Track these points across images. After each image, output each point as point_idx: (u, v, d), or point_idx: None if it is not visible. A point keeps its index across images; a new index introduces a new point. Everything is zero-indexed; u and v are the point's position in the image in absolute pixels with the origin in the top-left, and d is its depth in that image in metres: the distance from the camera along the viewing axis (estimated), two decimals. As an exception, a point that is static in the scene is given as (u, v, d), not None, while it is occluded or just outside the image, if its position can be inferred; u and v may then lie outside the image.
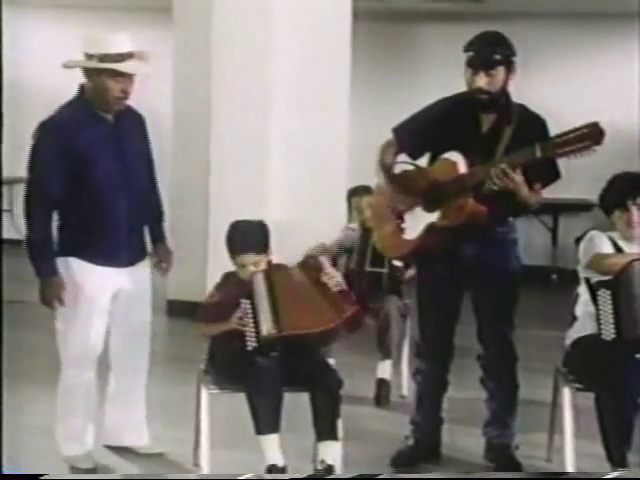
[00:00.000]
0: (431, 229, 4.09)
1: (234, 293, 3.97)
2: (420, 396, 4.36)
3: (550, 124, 4.06)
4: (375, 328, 5.35)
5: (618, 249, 4.08)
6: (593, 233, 4.12)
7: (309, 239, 5.60)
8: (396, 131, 4.30)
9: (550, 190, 4.16)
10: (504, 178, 3.89)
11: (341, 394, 3.91)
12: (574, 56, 9.59)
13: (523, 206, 4.04)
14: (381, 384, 5.31)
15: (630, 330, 3.83)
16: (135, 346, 4.36)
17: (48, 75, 10.07)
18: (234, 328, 3.91)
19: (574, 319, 4.21)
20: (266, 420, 3.79)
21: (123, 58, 4.00)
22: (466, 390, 4.74)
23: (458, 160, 4.03)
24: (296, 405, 3.92)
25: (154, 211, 4.38)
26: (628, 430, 3.84)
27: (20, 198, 10.62)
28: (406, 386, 5.34)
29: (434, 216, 4.08)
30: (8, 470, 3.75)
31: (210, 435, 3.95)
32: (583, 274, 4.12)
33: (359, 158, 5.66)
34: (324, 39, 7.01)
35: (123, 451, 4.40)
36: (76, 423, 4.22)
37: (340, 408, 3.89)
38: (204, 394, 3.99)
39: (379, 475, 3.98)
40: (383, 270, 5.45)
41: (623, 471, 3.79)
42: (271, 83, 6.96)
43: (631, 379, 3.79)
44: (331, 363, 4.07)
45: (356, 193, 5.71)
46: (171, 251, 4.42)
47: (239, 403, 3.87)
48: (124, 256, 4.17)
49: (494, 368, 4.27)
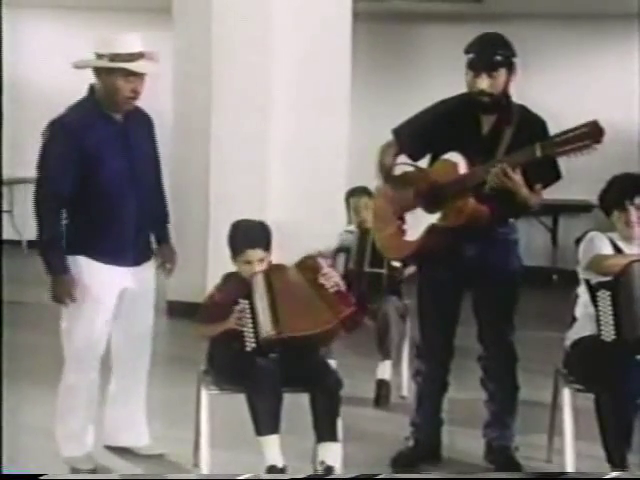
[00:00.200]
0: (432, 230, 4.09)
1: (234, 294, 3.97)
2: (420, 397, 4.36)
3: (550, 125, 4.06)
4: (374, 329, 5.36)
5: (618, 250, 4.08)
6: (593, 234, 4.12)
7: (309, 239, 5.60)
8: (396, 132, 4.30)
9: (550, 191, 4.16)
10: (504, 178, 3.89)
11: (341, 395, 3.91)
12: (574, 57, 9.60)
13: (523, 206, 4.05)
14: (381, 385, 5.30)
15: (630, 331, 3.83)
16: (137, 347, 4.36)
17: (48, 75, 10.11)
18: (233, 329, 3.91)
19: (574, 320, 4.21)
20: (266, 421, 3.79)
21: (134, 58, 4.01)
22: (466, 391, 4.74)
23: (458, 161, 4.03)
24: (296, 406, 3.92)
25: (159, 212, 4.38)
26: (628, 431, 3.83)
27: (20, 199, 10.63)
28: (406, 387, 5.34)
29: (435, 217, 4.09)
30: (8, 470, 3.75)
31: (210, 435, 3.95)
32: (583, 275, 4.12)
33: (359, 158, 5.66)
34: (324, 39, 7.02)
35: (123, 452, 4.40)
36: (76, 423, 4.22)
37: (340, 409, 3.89)
38: (204, 395, 3.99)
39: (379, 475, 3.99)
40: (382, 270, 5.45)
41: (623, 472, 3.79)
42: (271, 83, 6.96)
43: (631, 380, 3.79)
44: (331, 364, 4.07)
45: (354, 194, 5.71)
46: (175, 252, 4.42)
47: (239, 404, 3.86)
48: (130, 255, 4.17)
49: (494, 369, 4.27)
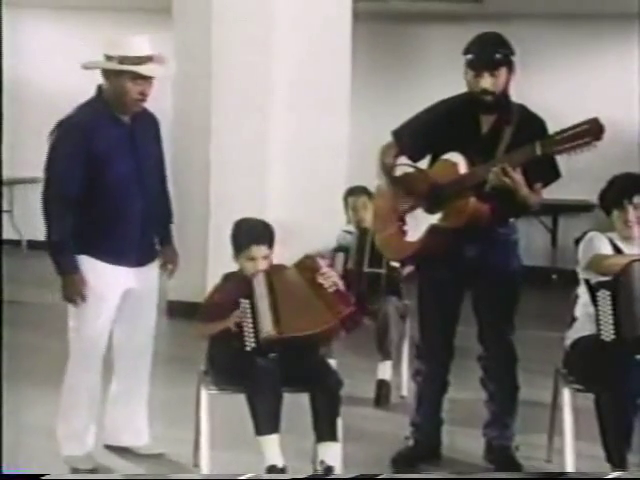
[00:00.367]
0: (433, 230, 4.09)
1: (234, 293, 3.97)
2: (420, 397, 4.36)
3: (550, 125, 4.06)
4: (374, 329, 5.36)
5: (617, 250, 4.08)
6: (592, 234, 4.12)
7: (309, 239, 5.61)
8: (396, 134, 4.30)
9: (550, 191, 4.16)
10: (504, 177, 3.89)
11: (341, 395, 3.91)
12: (574, 57, 9.59)
13: (524, 206, 4.05)
14: (381, 385, 5.31)
15: (630, 331, 3.83)
16: (139, 347, 4.36)
17: (48, 76, 10.10)
18: (233, 329, 3.91)
19: (574, 320, 4.21)
20: (266, 421, 3.79)
21: (143, 61, 4.02)
22: (466, 391, 4.74)
23: (459, 161, 4.03)
24: (296, 406, 3.92)
25: (163, 213, 4.38)
26: (628, 431, 3.83)
27: (20, 199, 10.64)
28: (406, 387, 5.34)
29: (436, 217, 4.09)
30: (8, 470, 3.75)
31: (210, 435, 3.94)
32: (583, 275, 4.12)
33: (359, 158, 5.66)
34: (324, 39, 7.02)
35: (123, 451, 4.40)
36: (78, 423, 4.22)
37: (340, 409, 3.89)
38: (204, 395, 3.99)
39: (379, 475, 3.99)
40: (381, 270, 5.45)
41: (623, 472, 3.79)
42: (271, 83, 6.96)
43: (631, 380, 3.79)
44: (331, 364, 4.07)
45: (353, 193, 5.70)
46: (177, 253, 4.43)
47: (239, 404, 3.87)
48: (135, 256, 4.18)
49: (494, 369, 4.27)
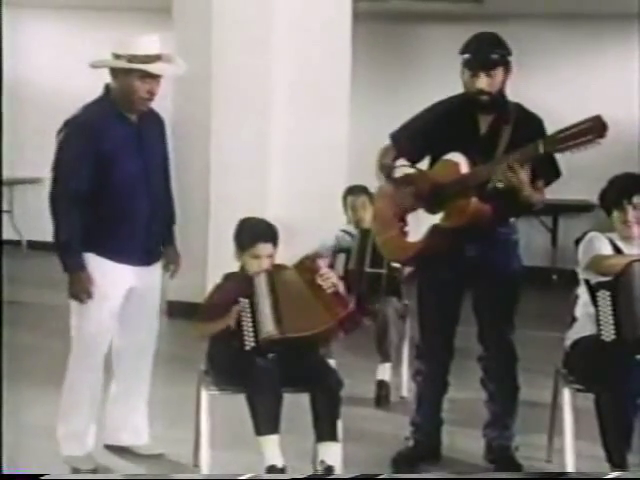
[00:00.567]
0: (435, 231, 4.08)
1: (234, 293, 3.96)
2: (420, 397, 4.36)
3: (551, 125, 4.06)
4: (374, 331, 5.35)
5: (617, 250, 4.08)
6: (592, 234, 4.12)
7: (309, 239, 5.61)
8: (393, 137, 4.29)
9: (550, 191, 4.16)
10: (510, 174, 3.88)
11: (341, 395, 3.91)
12: (574, 57, 9.59)
13: (526, 205, 4.04)
14: (381, 386, 5.31)
15: (630, 331, 3.83)
16: (140, 346, 4.36)
17: (48, 75, 10.09)
18: (232, 326, 3.90)
19: (574, 320, 4.21)
20: (266, 421, 3.79)
21: (151, 59, 4.03)
22: (466, 391, 4.74)
23: (460, 161, 4.03)
24: (296, 406, 3.92)
25: (166, 213, 4.38)
26: (628, 431, 3.83)
27: (20, 199, 10.63)
28: (406, 387, 5.34)
29: (437, 218, 4.09)
30: (8, 470, 3.75)
31: (210, 435, 3.94)
32: (583, 275, 4.12)
33: (359, 158, 5.66)
34: (324, 39, 7.02)
35: (123, 451, 4.40)
36: (79, 422, 4.22)
37: (340, 409, 3.89)
38: (204, 395, 3.99)
39: (379, 475, 3.98)
40: (382, 271, 5.44)
41: (623, 472, 3.79)
42: (271, 83, 6.96)
43: (631, 380, 3.79)
44: (331, 364, 4.07)
45: (352, 192, 5.69)
46: (179, 254, 4.43)
47: (239, 403, 3.87)
48: (140, 255, 4.18)
49: (494, 369, 4.27)
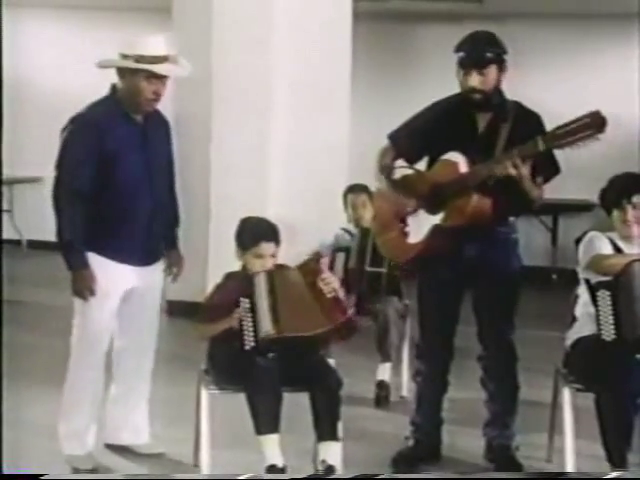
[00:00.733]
0: (436, 231, 4.08)
1: (234, 293, 3.96)
2: (420, 397, 4.36)
3: (550, 125, 4.06)
4: (374, 331, 5.35)
5: (618, 250, 4.08)
6: (593, 234, 4.12)
7: (309, 239, 5.61)
8: (392, 137, 4.30)
9: (550, 190, 4.16)
10: (512, 169, 3.87)
11: (341, 394, 3.90)
12: (574, 56, 9.59)
13: (526, 202, 4.03)
14: (381, 386, 5.31)
15: (630, 331, 3.83)
16: (141, 345, 4.36)
17: (49, 75, 10.09)
18: (233, 328, 3.91)
19: (574, 320, 4.21)
20: (266, 420, 3.79)
21: (158, 60, 4.04)
22: (466, 391, 4.74)
23: (459, 160, 4.03)
24: (296, 405, 3.91)
25: (170, 215, 4.38)
26: (628, 430, 3.83)
27: (20, 199, 10.64)
28: (406, 387, 5.34)
29: (437, 218, 4.08)
30: (8, 470, 3.75)
31: (210, 435, 3.95)
32: (583, 275, 4.12)
33: (359, 158, 5.66)
34: (324, 40, 7.02)
35: (123, 451, 4.40)
36: (80, 421, 4.22)
37: (340, 408, 3.89)
38: (204, 394, 3.99)
39: (379, 475, 3.99)
40: (382, 270, 5.44)
41: (623, 472, 3.79)
42: (271, 83, 6.96)
43: (631, 379, 3.79)
44: (331, 363, 4.07)
45: (352, 191, 5.69)
46: (182, 257, 4.44)
47: (239, 403, 3.87)
48: (141, 255, 4.19)
49: (494, 368, 4.27)
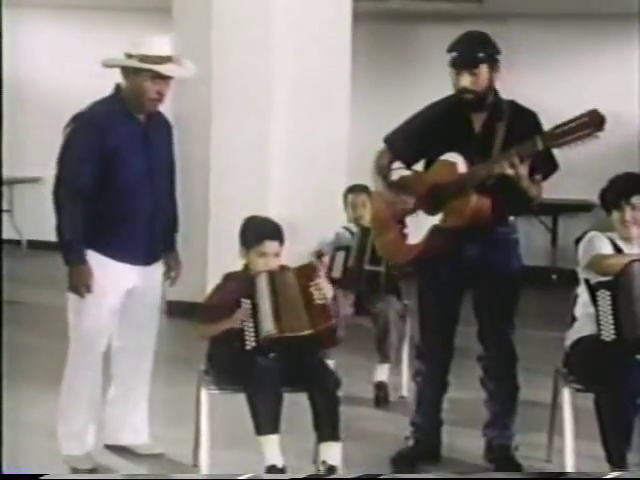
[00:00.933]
0: (435, 231, 4.08)
1: (234, 293, 3.97)
2: (420, 397, 4.36)
3: (550, 125, 4.05)
4: (374, 332, 5.34)
5: (618, 249, 4.08)
6: (593, 234, 4.12)
7: (309, 239, 5.61)
8: (388, 140, 4.30)
9: (550, 190, 4.16)
10: (510, 171, 3.87)
11: (340, 394, 3.90)
12: (574, 56, 9.59)
13: (525, 200, 4.03)
14: (379, 387, 5.30)
15: (630, 331, 3.83)
16: (140, 346, 4.36)
17: (49, 75, 10.09)
18: (234, 328, 3.91)
19: (574, 320, 4.21)
20: (266, 420, 3.79)
21: (163, 61, 4.05)
22: (466, 391, 4.74)
23: (457, 160, 4.03)
24: (296, 406, 3.91)
25: (170, 218, 4.38)
26: (628, 431, 3.83)
27: (20, 199, 10.65)
28: (406, 387, 5.34)
29: (437, 218, 4.08)
30: (8, 470, 3.75)
31: (210, 435, 3.95)
32: (583, 275, 4.12)
33: (359, 158, 5.66)
34: (324, 40, 7.02)
35: (123, 451, 4.40)
36: (78, 421, 4.22)
37: (339, 408, 3.89)
38: (204, 394, 3.99)
39: (380, 475, 3.99)
40: (380, 269, 5.43)
41: (623, 472, 3.79)
42: (271, 83, 6.96)
43: (631, 380, 3.79)
44: (329, 364, 4.05)
45: (352, 191, 5.71)
46: (180, 261, 4.44)
47: (239, 403, 3.87)
48: (141, 255, 4.18)
49: (494, 369, 4.27)
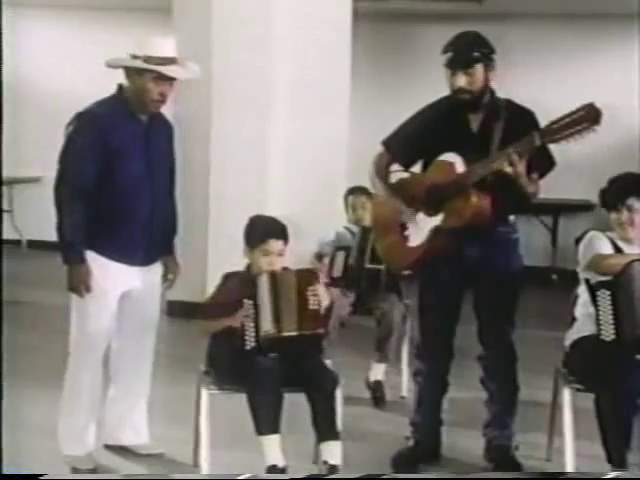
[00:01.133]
0: (436, 232, 4.08)
1: (237, 292, 3.96)
2: (420, 397, 4.36)
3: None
4: (376, 332, 5.34)
5: (618, 249, 4.08)
6: (593, 234, 4.12)
7: (309, 239, 5.61)
8: (386, 143, 4.30)
9: (550, 190, 4.15)
10: (509, 169, 3.87)
11: (337, 394, 3.90)
12: (574, 56, 9.59)
13: (523, 197, 4.02)
14: (376, 386, 5.30)
15: (630, 331, 3.83)
16: (140, 346, 4.36)
17: (49, 75, 10.10)
18: (234, 327, 3.91)
19: (574, 320, 4.21)
20: (266, 420, 3.80)
21: (166, 62, 4.06)
22: (466, 391, 4.74)
23: (455, 160, 4.03)
24: (297, 406, 3.91)
25: (169, 222, 4.38)
26: (627, 430, 3.83)
27: (20, 199, 10.65)
28: (406, 387, 5.34)
29: (437, 219, 4.08)
30: (8, 470, 3.75)
31: (210, 435, 3.95)
32: (583, 275, 4.12)
33: (359, 158, 5.66)
34: (324, 39, 7.02)
35: (123, 451, 4.40)
36: (79, 422, 4.22)
37: (337, 407, 3.88)
38: (204, 394, 3.99)
39: (381, 476, 3.99)
40: (381, 267, 5.42)
41: (623, 472, 3.79)
42: (271, 83, 6.96)
43: (631, 380, 3.79)
44: (327, 364, 4.05)
45: (353, 192, 5.73)
46: (179, 265, 4.43)
47: (239, 403, 3.87)
48: (140, 255, 4.18)
49: (494, 369, 4.27)
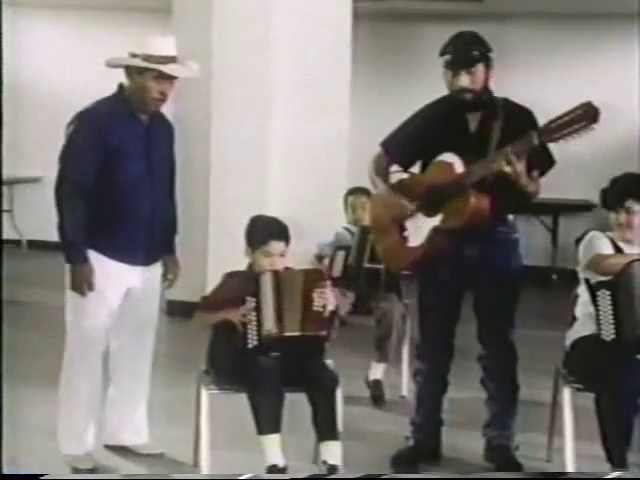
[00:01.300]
0: (435, 233, 4.08)
1: (239, 291, 3.96)
2: (420, 397, 4.36)
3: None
4: (375, 332, 5.34)
5: (618, 250, 4.08)
6: (593, 234, 4.12)
7: (309, 239, 5.61)
8: (384, 144, 4.30)
9: (550, 190, 4.15)
10: (507, 166, 3.87)
11: (338, 393, 3.90)
12: (574, 57, 9.59)
13: (523, 197, 4.02)
14: (375, 385, 5.30)
15: (630, 330, 3.83)
16: (139, 345, 4.36)
17: (49, 75, 10.10)
18: (236, 326, 3.90)
19: (574, 319, 4.21)
20: (267, 420, 3.80)
21: (167, 61, 4.07)
22: (466, 391, 4.74)
23: (454, 161, 4.03)
24: (297, 405, 3.91)
25: (169, 221, 4.38)
26: (628, 430, 3.83)
27: (20, 199, 10.67)
28: (406, 387, 5.34)
29: (436, 220, 4.08)
30: (8, 470, 3.75)
31: (210, 435, 3.95)
32: (583, 275, 4.12)
33: (359, 158, 5.67)
34: (324, 39, 7.02)
35: (123, 451, 4.40)
36: (78, 421, 4.21)
37: (337, 407, 3.88)
38: (204, 394, 3.99)
39: (381, 476, 3.98)
40: (381, 266, 5.42)
41: (623, 472, 3.79)
42: (271, 83, 6.96)
43: (631, 379, 3.79)
44: (327, 363, 4.05)
45: (352, 193, 5.74)
46: (179, 264, 4.43)
47: (239, 403, 3.87)
48: (140, 255, 4.18)
49: (494, 369, 4.27)
